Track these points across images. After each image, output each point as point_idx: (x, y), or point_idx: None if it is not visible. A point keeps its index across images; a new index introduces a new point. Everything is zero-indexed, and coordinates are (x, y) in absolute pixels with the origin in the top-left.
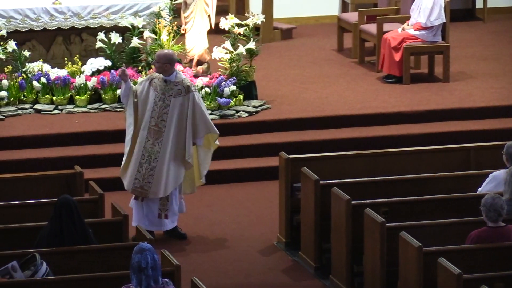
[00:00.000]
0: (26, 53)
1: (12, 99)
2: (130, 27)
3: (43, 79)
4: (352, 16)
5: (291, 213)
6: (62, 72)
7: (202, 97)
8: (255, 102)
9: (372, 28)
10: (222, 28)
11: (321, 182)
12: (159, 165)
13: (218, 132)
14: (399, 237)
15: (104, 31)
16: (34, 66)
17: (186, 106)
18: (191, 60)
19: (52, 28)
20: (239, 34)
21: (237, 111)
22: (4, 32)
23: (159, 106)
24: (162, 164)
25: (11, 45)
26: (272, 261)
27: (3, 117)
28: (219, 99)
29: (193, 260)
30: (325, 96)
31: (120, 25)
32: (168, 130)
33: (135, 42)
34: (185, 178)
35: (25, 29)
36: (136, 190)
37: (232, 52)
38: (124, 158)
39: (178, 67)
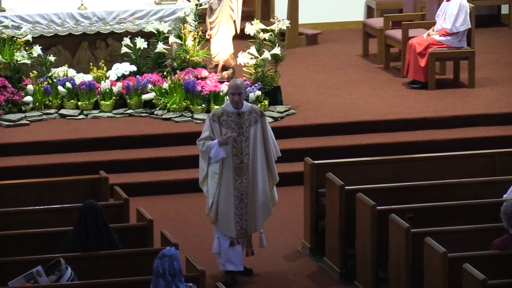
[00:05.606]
0: (52, 58)
1: (37, 104)
2: (156, 32)
3: (68, 84)
4: (377, 22)
5: (316, 218)
6: (87, 77)
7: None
8: (280, 108)
9: (397, 33)
10: (247, 33)
11: (346, 187)
12: (251, 200)
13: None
14: (424, 242)
15: (129, 36)
16: (59, 71)
17: (264, 130)
18: (216, 66)
19: (77, 33)
20: (264, 39)
21: None
22: (29, 37)
23: (239, 141)
24: (253, 199)
25: (37, 50)
26: (297, 266)
27: (28, 122)
28: None
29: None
30: (350, 102)
31: (145, 30)
32: (253, 162)
33: (160, 47)
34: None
35: (51, 34)
36: (239, 233)
37: (257, 57)
38: (213, 210)
39: (203, 72)
